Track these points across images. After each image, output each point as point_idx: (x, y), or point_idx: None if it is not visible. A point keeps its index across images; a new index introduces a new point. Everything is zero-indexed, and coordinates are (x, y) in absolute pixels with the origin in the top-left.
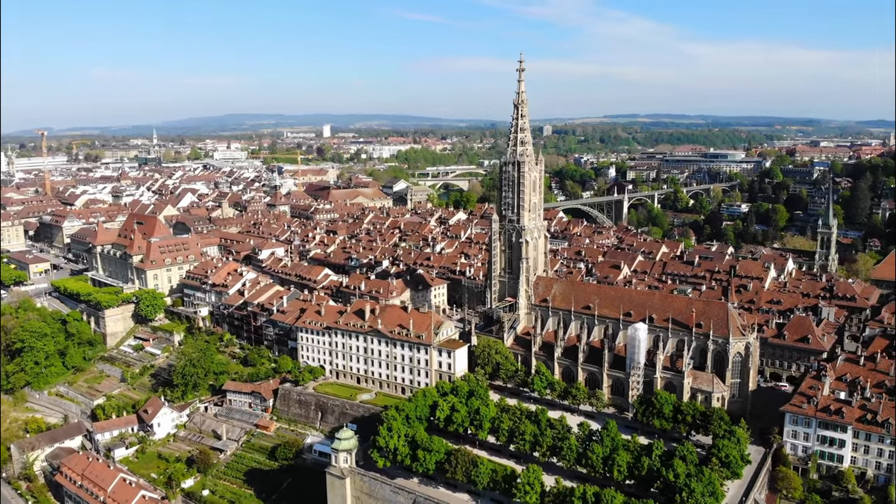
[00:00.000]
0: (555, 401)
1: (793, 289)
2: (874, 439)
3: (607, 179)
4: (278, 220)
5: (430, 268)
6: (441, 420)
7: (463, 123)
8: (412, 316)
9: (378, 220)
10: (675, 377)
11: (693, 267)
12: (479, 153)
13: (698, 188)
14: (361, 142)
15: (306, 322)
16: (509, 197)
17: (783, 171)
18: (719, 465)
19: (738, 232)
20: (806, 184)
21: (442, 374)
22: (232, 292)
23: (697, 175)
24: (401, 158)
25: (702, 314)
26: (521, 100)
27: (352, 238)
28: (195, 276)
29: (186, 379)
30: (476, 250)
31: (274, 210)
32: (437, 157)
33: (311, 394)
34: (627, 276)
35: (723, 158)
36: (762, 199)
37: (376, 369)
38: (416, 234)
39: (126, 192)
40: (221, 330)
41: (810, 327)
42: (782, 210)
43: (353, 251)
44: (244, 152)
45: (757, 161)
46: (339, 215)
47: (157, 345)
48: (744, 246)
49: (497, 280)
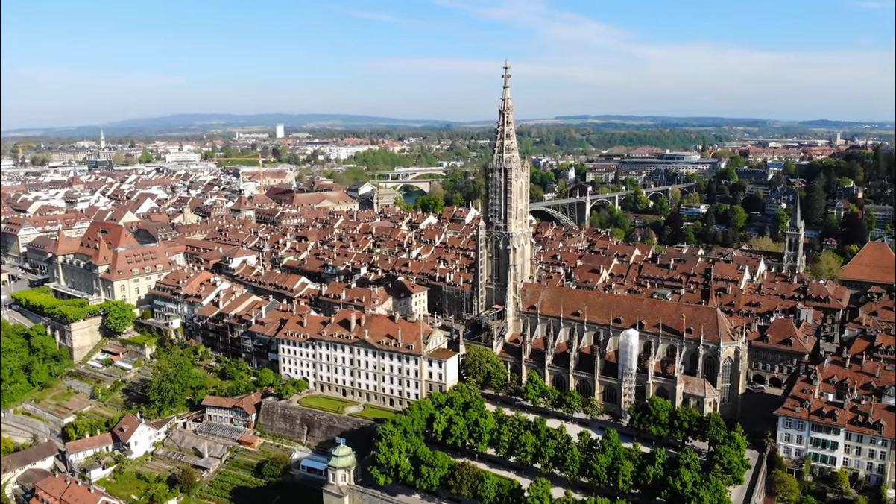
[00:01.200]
0: (548, 409)
1: (767, 291)
2: (866, 440)
3: (567, 181)
4: (244, 225)
5: (408, 274)
6: (439, 433)
7: (418, 124)
8: (400, 325)
9: (348, 224)
10: (667, 383)
11: (668, 270)
12: (437, 154)
13: (657, 189)
14: (317, 142)
15: (288, 333)
16: (496, 204)
17: (738, 172)
18: (722, 471)
19: (698, 232)
20: (762, 184)
21: (433, 385)
22: (206, 303)
23: (655, 176)
24: (359, 160)
25: (691, 320)
26: (506, 106)
27: (324, 244)
28: (166, 286)
29: (163, 394)
30: (453, 255)
31: (239, 215)
32: (395, 159)
33: (295, 407)
34: (606, 281)
35: (679, 160)
36: (720, 200)
37: (363, 381)
38: (391, 240)
39: (80, 198)
40: (195, 342)
41: (792, 330)
42: (741, 211)
43: (327, 257)
44: (197, 154)
45: (712, 162)
46: (307, 220)
47: (128, 359)
48: (714, 248)
49: (484, 287)
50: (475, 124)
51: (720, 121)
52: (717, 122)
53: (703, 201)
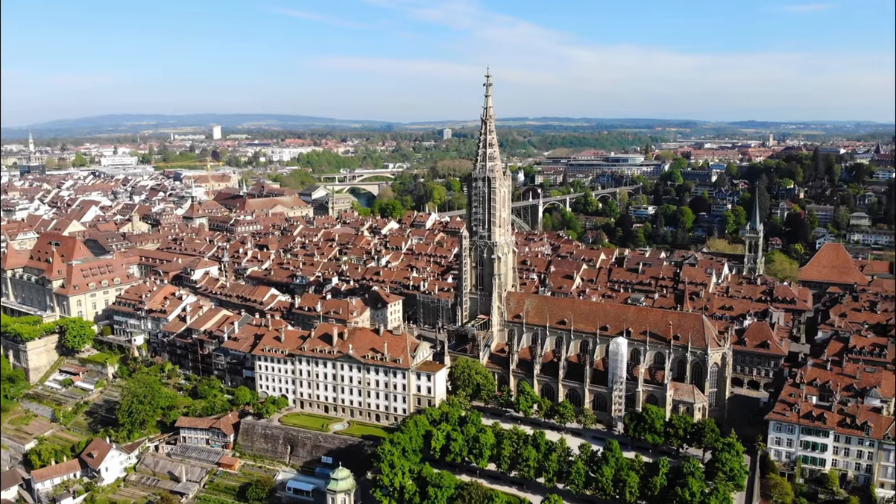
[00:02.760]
0: (539, 420)
1: (735, 293)
2: (854, 442)
3: (517, 184)
4: (199, 234)
5: (381, 283)
6: (437, 451)
7: (357, 124)
8: (386, 339)
9: (308, 231)
10: (656, 390)
11: (637, 274)
12: (382, 156)
13: (605, 192)
14: (257, 144)
15: (265, 350)
16: (479, 213)
17: (683, 174)
18: (725, 478)
19: (648, 234)
20: (706, 186)
21: (420, 399)
22: (172, 318)
23: (601, 179)
24: (303, 161)
25: (678, 326)
26: (488, 115)
27: (286, 252)
28: (127, 301)
29: (133, 416)
30: (424, 262)
31: (191, 223)
32: (340, 160)
33: (277, 427)
34: (580, 286)
35: (623, 162)
36: (667, 202)
37: (347, 397)
38: (357, 248)
39: (19, 206)
40: (161, 360)
41: (768, 333)
42: (688, 212)
43: (292, 266)
44: (134, 158)
45: (656, 164)
46: (264, 227)
47: (89, 379)
48: (676, 251)
49: (468, 297)
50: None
51: (653, 122)
52: (650, 124)
53: (651, 203)
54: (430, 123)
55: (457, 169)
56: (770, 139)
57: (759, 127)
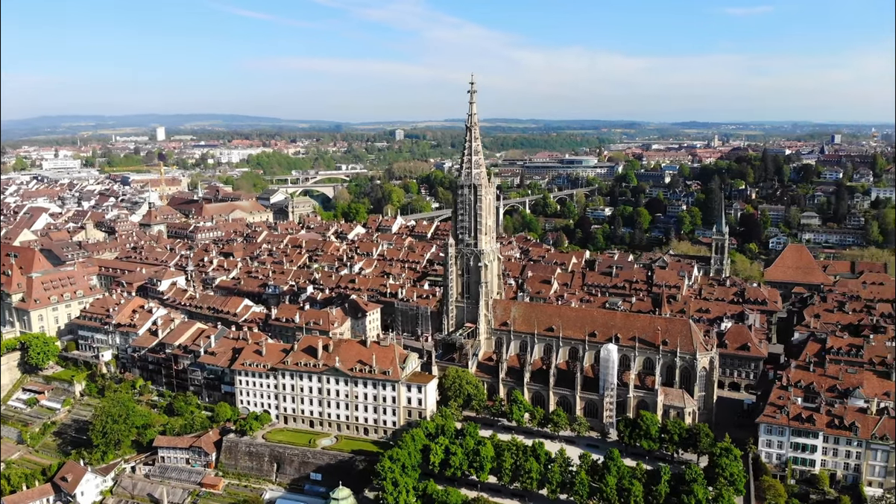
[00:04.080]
0: (531, 429)
1: (708, 296)
2: (842, 442)
3: None
4: (158, 242)
5: (357, 291)
6: (436, 465)
7: (305, 124)
8: (374, 350)
9: (273, 238)
10: (647, 395)
11: (611, 277)
12: (335, 157)
13: (562, 193)
14: (203, 145)
15: (246, 364)
16: (465, 220)
17: (637, 176)
18: (726, 483)
19: (606, 235)
20: (660, 187)
21: (411, 412)
22: (142, 332)
23: (557, 181)
24: (253, 163)
25: (666, 332)
26: (472, 122)
27: (253, 260)
28: (93, 315)
29: (108, 437)
30: (398, 269)
31: (149, 230)
32: (291, 162)
33: (262, 444)
34: (558, 291)
35: (578, 164)
36: (623, 203)
37: (334, 411)
38: (327, 254)
39: None
40: (132, 376)
41: (748, 335)
42: (645, 213)
43: (261, 275)
44: (77, 161)
45: (609, 166)
46: (225, 233)
47: (55, 397)
48: (643, 253)
49: (454, 305)
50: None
51: (599, 123)
52: (596, 125)
53: (607, 204)
54: (381, 124)
55: (413, 171)
56: (715, 140)
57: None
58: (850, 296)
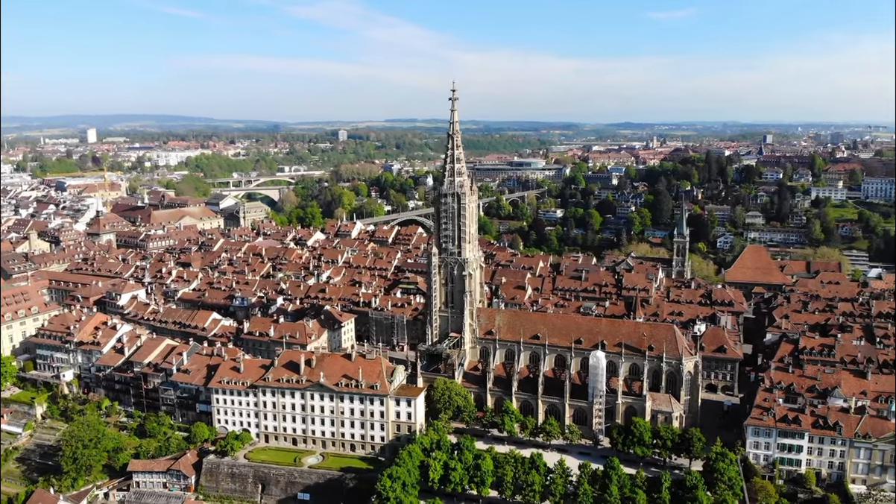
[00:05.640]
0: (524, 439)
1: (676, 298)
2: (827, 442)
3: (426, 188)
4: (109, 252)
5: (329, 301)
6: (436, 481)
7: (240, 124)
8: (359, 364)
9: (231, 246)
10: (635, 401)
11: (581, 281)
12: (276, 158)
13: (514, 196)
14: (139, 147)
15: (223, 381)
16: (448, 229)
17: (585, 178)
18: (725, 487)
19: (559, 236)
20: (609, 188)
21: (400, 426)
22: (106, 350)
23: (508, 183)
24: (192, 166)
25: (651, 337)
26: (454, 130)
27: (213, 270)
28: (52, 332)
29: (78, 462)
30: (368, 276)
31: (98, 240)
32: (232, 164)
33: (244, 464)
34: (532, 297)
35: (527, 166)
36: (573, 205)
37: (318, 427)
38: (291, 263)
39: None
40: (97, 396)
41: (723, 338)
42: (596, 215)
43: (224, 286)
44: (8, 165)
45: (557, 168)
46: (178, 242)
47: (15, 421)
48: (605, 255)
49: (438, 315)
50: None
51: (538, 125)
52: (535, 127)
53: (558, 206)
54: (319, 123)
55: (360, 172)
56: (653, 141)
57: (635, 128)
58: (812, 295)
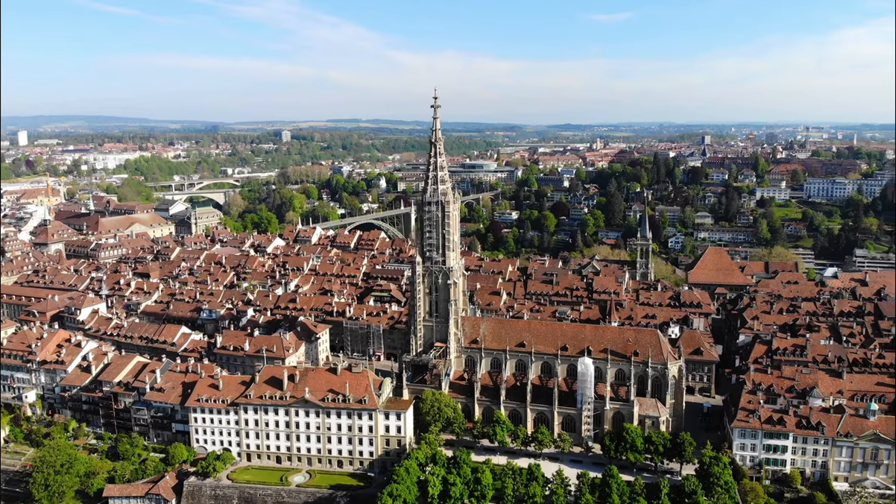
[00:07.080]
0: (515, 448)
1: (646, 300)
2: (810, 441)
3: (380, 191)
4: (60, 263)
5: (300, 311)
6: (435, 497)
7: (177, 125)
8: (345, 378)
9: (188, 255)
10: (623, 407)
11: (552, 286)
12: (219, 160)
13: (469, 198)
14: (73, 150)
15: (201, 399)
16: (433, 238)
17: (537, 180)
18: (722, 491)
19: (516, 239)
20: (561, 190)
21: (389, 440)
22: (71, 369)
23: (461, 185)
24: (131, 169)
25: (636, 343)
26: (436, 137)
27: (174, 281)
28: (11, 351)
29: (50, 489)
30: (338, 284)
31: (46, 250)
32: (173, 167)
33: (228, 485)
34: (507, 302)
35: (479, 168)
36: (528, 207)
37: (304, 444)
38: (255, 271)
39: None
40: (63, 418)
41: (699, 340)
42: (551, 217)
43: (188, 297)
44: None
45: (509, 170)
46: (131, 251)
47: None
48: (571, 259)
49: (422, 325)
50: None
51: (481, 126)
52: (479, 128)
53: (513, 208)
54: (259, 124)
55: (309, 175)
56: (597, 143)
57: (575, 129)
58: (775, 296)
